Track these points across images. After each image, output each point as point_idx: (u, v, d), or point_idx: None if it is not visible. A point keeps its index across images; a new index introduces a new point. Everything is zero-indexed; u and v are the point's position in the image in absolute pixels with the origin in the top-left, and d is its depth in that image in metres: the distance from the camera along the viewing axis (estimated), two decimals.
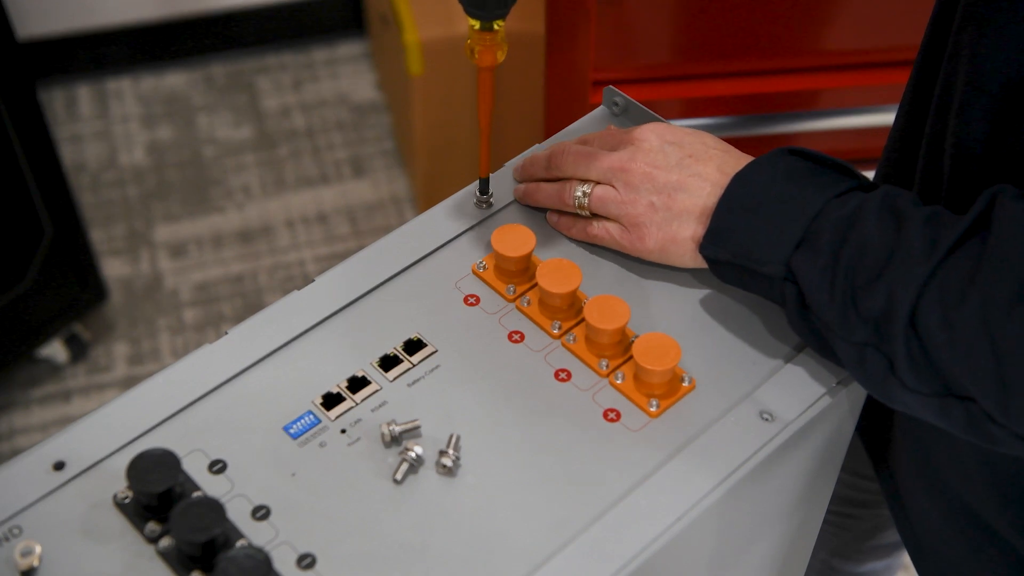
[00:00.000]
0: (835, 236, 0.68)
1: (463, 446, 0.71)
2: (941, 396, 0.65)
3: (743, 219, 0.72)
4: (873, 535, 1.12)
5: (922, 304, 0.63)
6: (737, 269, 0.73)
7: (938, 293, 0.63)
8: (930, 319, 0.63)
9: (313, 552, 0.66)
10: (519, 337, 0.77)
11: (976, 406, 0.63)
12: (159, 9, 2.31)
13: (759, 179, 0.73)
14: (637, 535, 0.67)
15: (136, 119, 2.31)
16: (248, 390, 0.74)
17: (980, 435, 0.65)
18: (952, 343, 0.62)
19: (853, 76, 1.40)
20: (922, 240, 0.64)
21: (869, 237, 0.66)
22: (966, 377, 0.62)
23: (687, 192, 0.76)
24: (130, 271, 2.06)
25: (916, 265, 0.64)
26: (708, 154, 0.77)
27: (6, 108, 1.61)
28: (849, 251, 0.67)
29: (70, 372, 1.92)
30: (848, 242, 0.67)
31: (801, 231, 0.70)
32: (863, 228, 0.67)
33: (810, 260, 0.69)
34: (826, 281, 0.68)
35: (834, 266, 0.67)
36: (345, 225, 2.15)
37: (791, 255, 0.70)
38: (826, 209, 0.69)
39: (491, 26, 0.76)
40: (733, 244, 0.73)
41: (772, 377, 0.75)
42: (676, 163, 0.76)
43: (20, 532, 0.67)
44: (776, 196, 0.71)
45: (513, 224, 0.80)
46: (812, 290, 0.69)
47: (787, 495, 0.82)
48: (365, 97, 2.36)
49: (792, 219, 0.70)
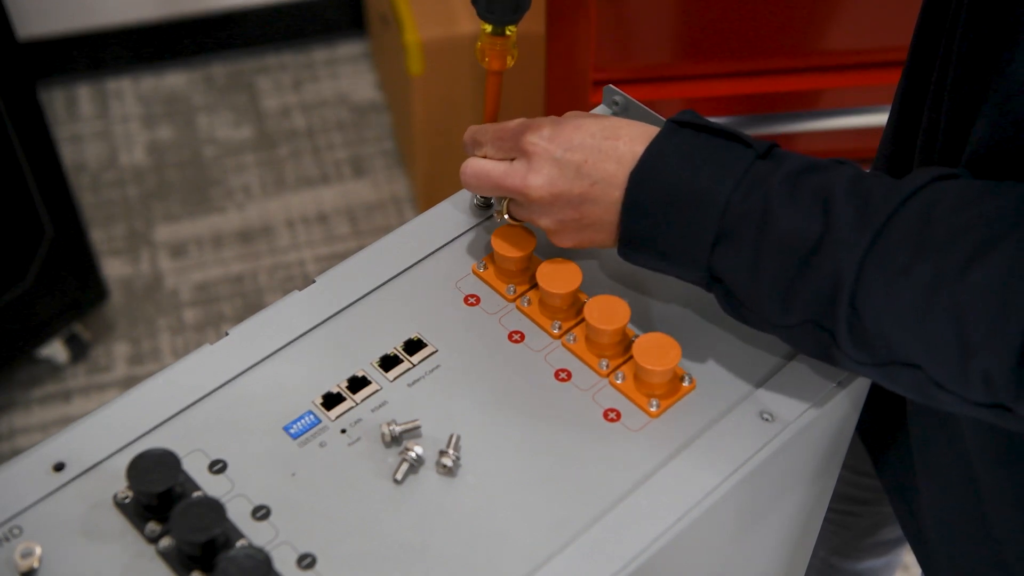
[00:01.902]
0: (751, 229, 0.66)
1: (463, 446, 0.71)
2: (885, 365, 0.64)
3: (650, 226, 0.70)
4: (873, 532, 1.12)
5: (864, 273, 0.62)
6: (658, 270, 0.72)
7: (879, 261, 0.62)
8: (872, 292, 0.62)
9: (313, 552, 0.66)
10: (519, 337, 0.77)
11: (922, 372, 0.63)
12: (159, 9, 2.31)
13: (657, 177, 0.69)
14: (637, 535, 0.67)
15: (136, 119, 2.31)
16: (248, 390, 0.74)
17: (927, 399, 0.65)
18: (897, 310, 0.61)
19: (853, 76, 1.40)
20: (852, 217, 0.63)
21: (788, 224, 0.65)
22: (911, 345, 0.62)
23: (593, 202, 0.72)
24: (130, 271, 2.06)
25: (851, 243, 0.62)
26: (602, 150, 0.72)
27: (6, 108, 1.61)
28: (770, 242, 0.65)
29: (70, 372, 1.92)
30: (766, 233, 0.66)
31: (712, 233, 0.68)
32: (779, 216, 0.65)
33: (731, 258, 0.67)
34: (752, 275, 0.67)
35: (757, 259, 0.66)
36: (345, 225, 2.15)
37: (709, 257, 0.68)
38: (731, 202, 0.67)
39: (503, 31, 0.76)
40: (647, 252, 0.71)
41: (772, 377, 0.75)
42: (574, 173, 0.72)
43: (20, 533, 0.67)
44: (677, 196, 0.68)
45: (513, 224, 0.80)
46: (740, 285, 0.68)
47: (787, 495, 0.82)
48: (365, 97, 2.36)
49: (699, 220, 0.68)
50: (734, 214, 0.67)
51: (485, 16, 0.75)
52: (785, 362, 0.76)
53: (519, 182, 0.74)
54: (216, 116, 2.32)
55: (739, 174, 0.67)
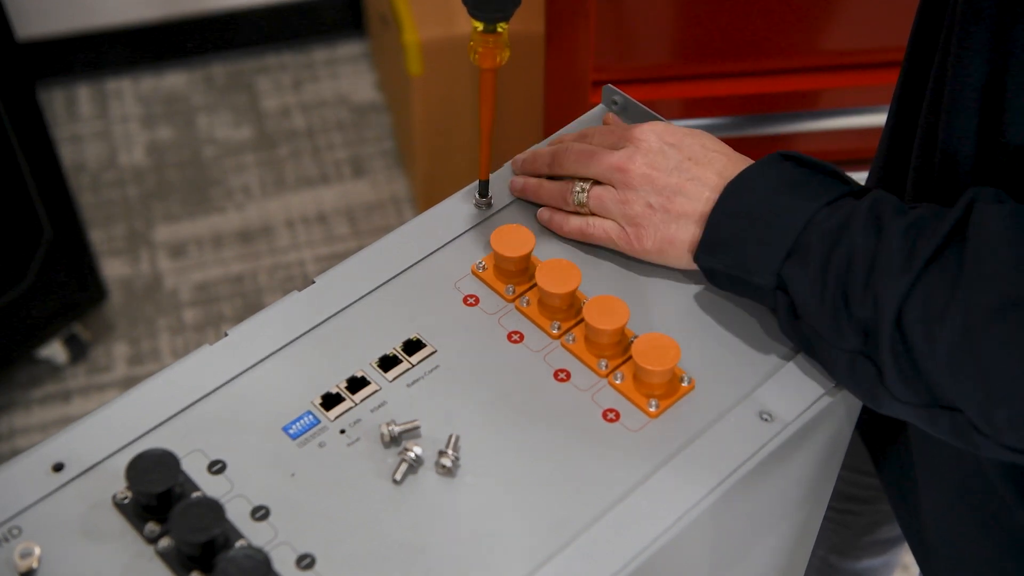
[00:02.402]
0: (824, 246, 0.68)
1: (462, 446, 0.71)
2: (928, 407, 0.65)
3: (735, 230, 0.73)
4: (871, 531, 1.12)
5: (906, 315, 0.64)
6: (731, 278, 0.74)
7: (920, 305, 0.63)
8: (914, 331, 0.63)
9: (312, 552, 0.66)
10: (518, 337, 0.77)
11: (962, 416, 0.64)
12: (159, 9, 2.31)
13: (751, 189, 0.73)
14: (637, 535, 0.67)
15: (136, 119, 2.31)
16: (248, 391, 0.74)
17: (967, 443, 0.65)
18: (935, 355, 0.63)
19: (852, 76, 1.40)
20: (902, 250, 0.65)
21: (855, 246, 0.67)
22: (950, 389, 0.63)
23: (685, 196, 0.76)
24: (130, 271, 2.06)
25: (897, 275, 0.64)
26: (707, 157, 0.77)
27: (6, 108, 1.60)
28: (837, 260, 0.68)
29: (70, 372, 1.92)
30: (837, 251, 0.68)
31: (791, 242, 0.70)
32: (851, 237, 0.67)
33: (800, 270, 0.69)
34: (816, 290, 0.69)
35: (823, 276, 0.68)
36: (345, 225, 2.15)
37: (781, 265, 0.71)
38: (816, 219, 0.70)
39: (494, 28, 0.76)
40: (726, 255, 0.73)
41: (772, 377, 0.75)
42: (675, 166, 0.77)
43: (19, 533, 0.67)
44: (767, 207, 0.72)
45: (513, 224, 0.80)
46: (802, 299, 0.70)
47: (787, 495, 0.82)
48: (365, 97, 2.36)
49: (782, 230, 0.71)
50: (815, 230, 0.69)
51: (475, 13, 0.75)
52: (784, 362, 0.76)
53: (624, 159, 0.78)
54: (216, 116, 2.32)
55: (828, 199, 0.71)
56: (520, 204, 0.86)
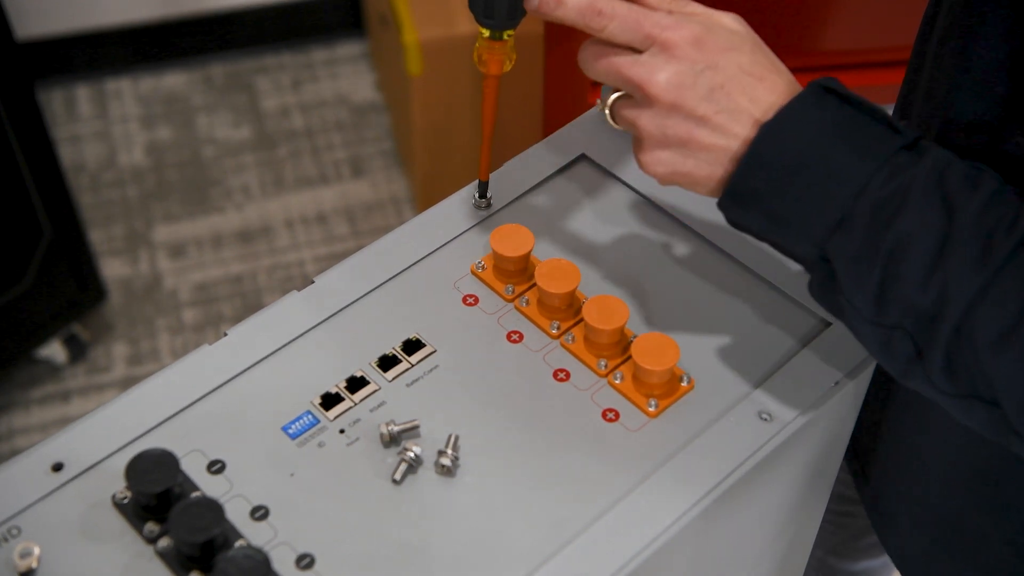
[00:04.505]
0: (879, 219, 0.61)
1: (462, 446, 0.71)
2: (966, 397, 0.62)
3: (771, 183, 0.64)
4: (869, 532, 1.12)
5: (975, 316, 0.59)
6: (760, 235, 0.67)
7: (992, 307, 0.58)
8: (981, 333, 0.59)
9: (312, 552, 0.66)
10: (518, 337, 0.77)
11: (1001, 413, 0.61)
12: (158, 9, 2.31)
13: (792, 134, 0.64)
14: (636, 536, 0.67)
15: (135, 119, 2.31)
16: (247, 390, 0.74)
17: (998, 438, 0.63)
18: (998, 362, 0.59)
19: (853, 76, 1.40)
20: (976, 239, 0.59)
21: (915, 227, 0.60)
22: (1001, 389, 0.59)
23: (710, 129, 0.66)
24: (129, 271, 2.06)
25: (971, 270, 0.59)
26: (742, 84, 0.66)
27: (5, 108, 1.61)
28: (892, 239, 0.61)
29: (69, 372, 1.92)
30: (895, 227, 0.61)
31: (840, 212, 0.62)
32: (909, 216, 0.60)
33: (847, 244, 0.62)
34: (863, 268, 0.62)
35: (873, 254, 0.61)
36: (344, 225, 2.15)
37: (828, 238, 0.63)
38: (870, 186, 0.61)
39: (501, 35, 0.76)
40: (759, 214, 0.65)
41: (771, 377, 0.75)
42: (706, 94, 0.66)
43: (19, 533, 0.67)
44: (811, 162, 0.63)
45: (512, 224, 0.80)
46: (846, 275, 0.63)
47: (786, 495, 0.82)
48: (364, 97, 2.36)
49: (830, 195, 0.62)
50: (870, 199, 0.61)
51: (483, 21, 0.75)
52: (784, 362, 0.76)
53: (645, 76, 0.67)
54: (215, 116, 2.31)
55: (881, 159, 0.62)
56: (520, 204, 0.86)
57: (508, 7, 0.74)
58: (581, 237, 0.83)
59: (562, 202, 0.86)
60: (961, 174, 0.62)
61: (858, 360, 0.76)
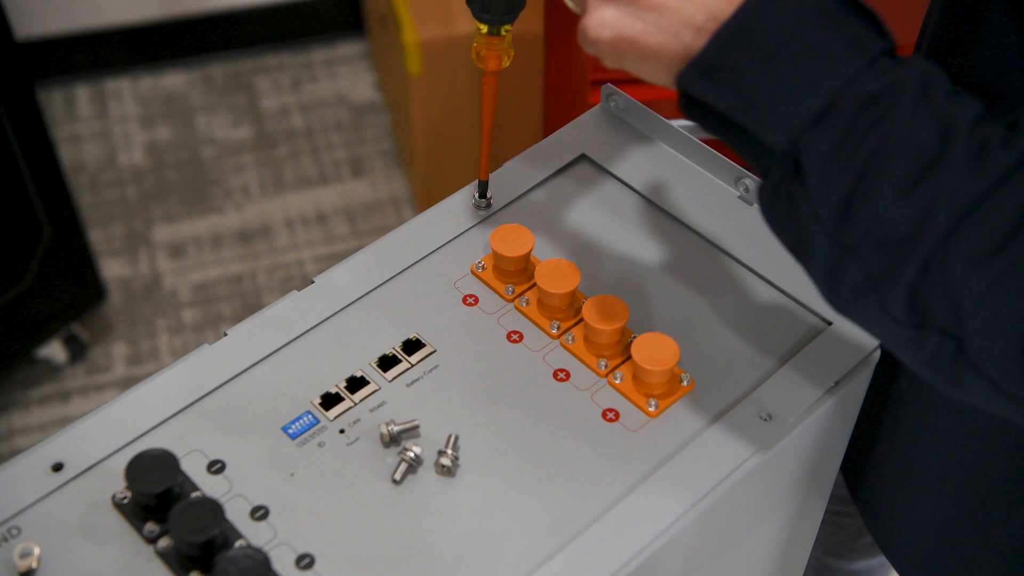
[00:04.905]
0: (861, 119, 0.56)
1: (462, 446, 0.71)
2: (919, 328, 0.56)
3: (752, 63, 0.57)
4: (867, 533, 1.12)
5: (960, 229, 0.54)
6: (723, 119, 0.59)
7: (980, 223, 0.54)
8: (961, 249, 0.54)
9: (312, 552, 0.66)
10: (518, 337, 0.77)
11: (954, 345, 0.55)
12: (158, 9, 2.31)
13: (782, 12, 0.57)
14: (636, 536, 0.67)
15: (135, 119, 2.31)
16: (247, 390, 0.74)
17: (951, 380, 0.57)
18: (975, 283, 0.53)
19: None
20: (971, 152, 0.54)
21: (902, 133, 0.55)
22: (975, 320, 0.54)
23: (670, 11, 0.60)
24: (129, 271, 2.06)
25: (966, 181, 0.54)
26: None
27: (5, 108, 1.60)
28: (875, 142, 0.55)
29: (69, 372, 1.92)
30: (877, 131, 0.55)
31: (824, 101, 0.56)
32: (898, 120, 0.55)
33: (824, 139, 0.56)
34: (835, 169, 0.56)
35: (851, 155, 0.56)
36: (344, 225, 2.15)
37: (804, 130, 0.56)
38: (859, 79, 0.56)
39: (498, 31, 0.76)
40: (731, 91, 0.58)
41: (771, 377, 0.75)
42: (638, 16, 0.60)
43: (19, 533, 0.67)
44: (801, 44, 0.57)
45: (512, 224, 0.80)
46: (815, 175, 0.56)
47: (786, 495, 0.82)
48: (364, 97, 2.36)
49: (815, 81, 0.56)
50: (857, 93, 0.56)
51: (480, 16, 0.75)
52: (784, 362, 0.76)
53: None
54: (215, 116, 2.31)
55: (871, 55, 0.56)
56: (519, 204, 0.86)
57: (504, 2, 0.74)
58: (581, 237, 0.83)
59: (562, 202, 0.86)
60: (950, 88, 0.57)
61: (858, 360, 0.76)
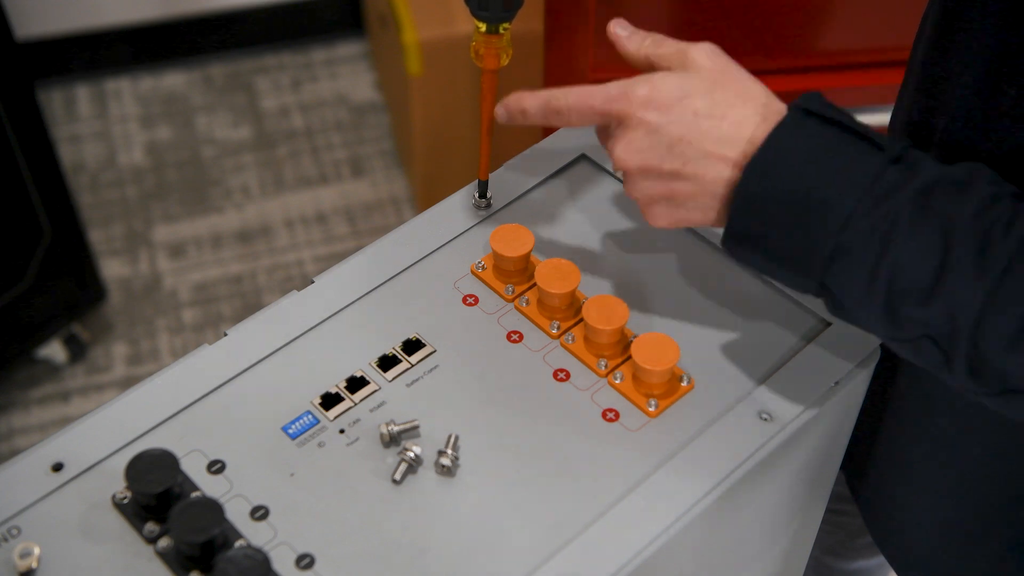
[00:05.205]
0: (869, 248, 0.62)
1: (462, 446, 0.71)
2: (1000, 395, 0.62)
3: (764, 225, 0.65)
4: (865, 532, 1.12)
5: (986, 325, 0.59)
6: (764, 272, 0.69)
7: (999, 315, 0.59)
8: (992, 342, 0.59)
9: (312, 552, 0.66)
10: (518, 337, 0.77)
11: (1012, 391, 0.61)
12: (158, 9, 2.31)
13: (776, 171, 0.64)
14: (636, 535, 0.67)
15: (135, 119, 2.31)
16: (247, 390, 0.74)
17: None
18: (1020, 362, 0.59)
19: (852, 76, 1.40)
20: (973, 252, 0.59)
21: (910, 252, 0.61)
22: None
23: (686, 180, 0.68)
24: (129, 271, 2.06)
25: (973, 279, 0.59)
26: (703, 130, 0.67)
27: (5, 108, 1.60)
28: (889, 264, 0.61)
29: (69, 372, 1.92)
30: (887, 255, 0.61)
31: (830, 246, 0.63)
32: (902, 241, 0.61)
33: (844, 274, 0.63)
34: (864, 294, 0.63)
35: (872, 280, 0.62)
36: (344, 225, 2.15)
37: (825, 272, 0.64)
38: (854, 215, 0.62)
39: (497, 29, 0.76)
40: (756, 252, 0.67)
41: (771, 377, 0.75)
42: (667, 150, 0.68)
43: (19, 533, 0.67)
44: (795, 197, 0.63)
45: (512, 224, 0.80)
46: (852, 305, 0.64)
47: (786, 495, 0.82)
48: (364, 97, 2.36)
49: (817, 230, 0.63)
50: (856, 229, 0.62)
51: (479, 14, 0.75)
52: (784, 362, 0.76)
53: (610, 151, 0.70)
54: (215, 116, 2.31)
55: (866, 183, 0.62)
56: (519, 204, 0.86)
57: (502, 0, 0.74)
58: (581, 237, 0.83)
59: (562, 202, 0.86)
60: (950, 186, 0.61)
61: (858, 360, 0.76)
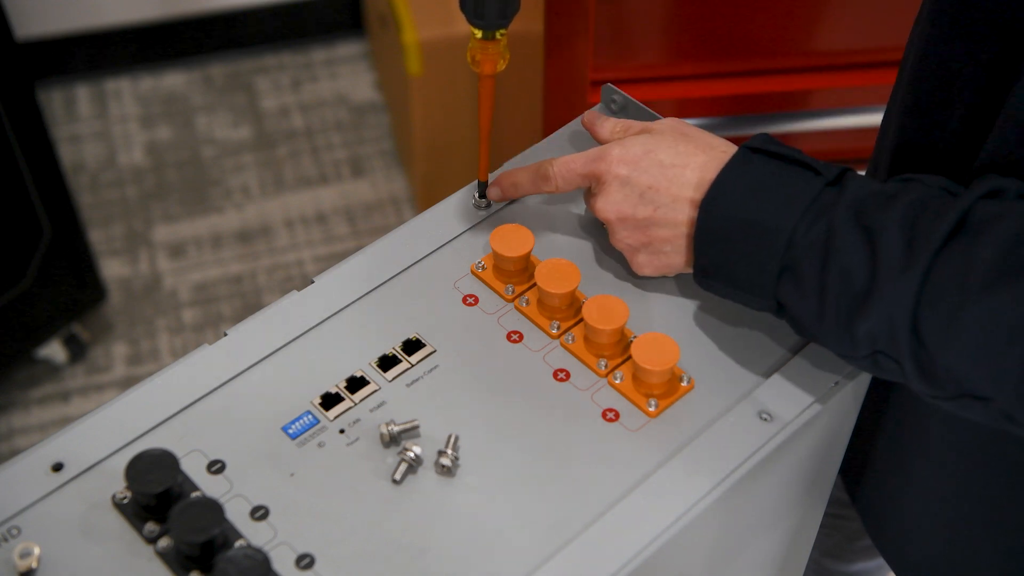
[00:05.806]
0: (814, 265, 0.66)
1: (462, 446, 0.71)
2: (957, 398, 0.64)
3: (720, 255, 0.71)
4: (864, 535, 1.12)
5: (921, 316, 0.62)
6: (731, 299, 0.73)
7: (934, 301, 0.61)
8: (932, 329, 0.61)
9: (312, 552, 0.66)
10: (518, 337, 0.77)
11: (995, 404, 0.62)
12: (158, 9, 2.31)
13: (725, 204, 0.70)
14: (636, 536, 0.67)
15: (135, 119, 2.31)
16: (247, 390, 0.74)
17: (1004, 427, 0.64)
18: (962, 348, 0.61)
19: (848, 76, 1.40)
20: (900, 250, 0.63)
21: (848, 262, 0.65)
22: (983, 380, 0.61)
23: (660, 225, 0.74)
24: (129, 271, 2.06)
25: (902, 278, 0.62)
26: (669, 177, 0.74)
27: (5, 108, 1.60)
28: (832, 278, 0.65)
29: (69, 372, 1.92)
30: (828, 269, 0.66)
31: (777, 264, 0.68)
32: (839, 254, 0.65)
33: (794, 291, 0.68)
34: (816, 312, 0.67)
35: (821, 295, 0.66)
36: (344, 225, 2.15)
37: (775, 289, 0.69)
38: (796, 233, 0.67)
39: (493, 35, 0.76)
40: (718, 281, 0.72)
41: (771, 377, 0.75)
42: (639, 199, 0.75)
43: (19, 533, 0.67)
44: (744, 224, 0.69)
45: (512, 224, 0.80)
46: (804, 318, 0.68)
47: (786, 495, 0.82)
48: (364, 97, 2.36)
49: (765, 251, 0.68)
50: (798, 246, 0.67)
51: (474, 22, 0.75)
52: (784, 362, 0.76)
53: (593, 207, 0.78)
54: (215, 116, 2.31)
55: (805, 204, 0.67)
56: (519, 204, 0.86)
57: (498, 7, 0.74)
58: (581, 237, 0.84)
59: (562, 202, 0.86)
60: (881, 197, 0.65)
61: None
